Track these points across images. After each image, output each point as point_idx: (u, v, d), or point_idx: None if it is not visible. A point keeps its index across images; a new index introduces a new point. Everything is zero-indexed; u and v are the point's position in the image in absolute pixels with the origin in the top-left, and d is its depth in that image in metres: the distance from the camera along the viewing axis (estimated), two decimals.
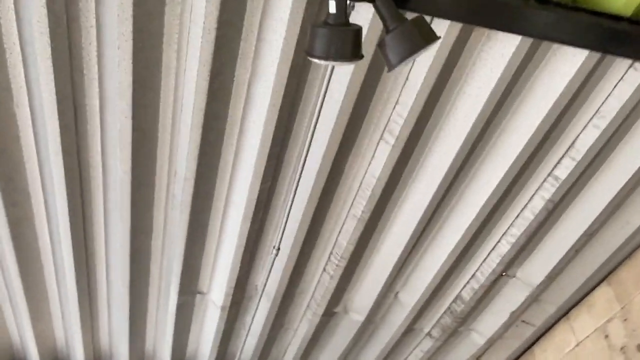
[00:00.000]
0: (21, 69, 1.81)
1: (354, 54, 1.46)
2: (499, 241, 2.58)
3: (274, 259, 2.45)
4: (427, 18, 1.70)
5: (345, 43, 1.43)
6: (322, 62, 1.44)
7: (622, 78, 1.92)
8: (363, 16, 1.67)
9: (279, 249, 2.40)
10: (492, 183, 2.22)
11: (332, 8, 1.39)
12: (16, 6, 1.65)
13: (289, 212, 2.25)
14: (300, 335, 3.13)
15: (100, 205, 2.32)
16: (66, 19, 1.66)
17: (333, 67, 1.78)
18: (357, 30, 1.44)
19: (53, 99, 1.82)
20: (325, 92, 1.83)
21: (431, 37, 1.42)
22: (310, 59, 1.45)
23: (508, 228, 2.52)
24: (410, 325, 3.11)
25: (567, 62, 1.84)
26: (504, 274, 2.81)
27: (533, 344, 3.15)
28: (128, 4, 1.62)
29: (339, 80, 1.84)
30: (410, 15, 1.42)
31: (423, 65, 1.81)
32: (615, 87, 1.95)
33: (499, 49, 1.80)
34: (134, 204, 2.24)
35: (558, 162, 2.22)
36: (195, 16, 1.67)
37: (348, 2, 1.41)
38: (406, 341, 3.34)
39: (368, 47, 1.77)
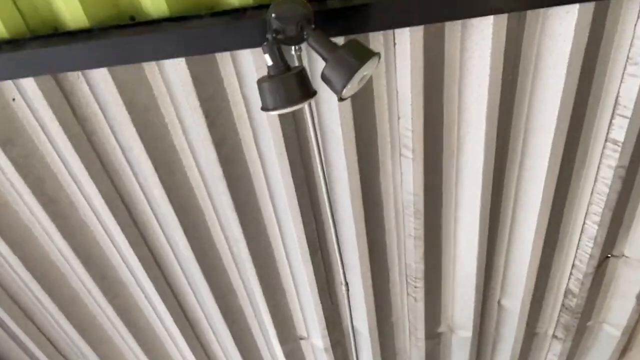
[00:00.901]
0: None
1: (304, 94, 1.49)
2: (584, 224, 2.32)
3: (347, 295, 2.47)
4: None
5: (290, 88, 1.47)
6: (276, 112, 1.49)
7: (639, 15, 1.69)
8: None
9: (347, 284, 2.41)
10: (543, 162, 2.03)
11: (269, 61, 1.46)
12: None
13: (339, 247, 2.27)
14: None
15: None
16: None
17: (311, 106, 1.82)
18: (298, 72, 1.47)
19: None
20: (317, 130, 1.86)
21: (367, 56, 1.41)
22: (266, 112, 1.51)
23: (588, 207, 2.26)
24: (529, 330, 2.87)
25: (562, 23, 1.67)
26: (609, 255, 2.50)
27: None
28: None
29: (328, 115, 1.87)
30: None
31: (405, 72, 1.77)
32: (635, 26, 1.71)
33: (480, 36, 1.70)
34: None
35: (610, 125, 1.97)
36: None
37: (283, 51, 1.46)
38: (534, 348, 3.08)
39: None
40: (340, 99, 1.47)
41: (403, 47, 1.71)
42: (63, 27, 1.63)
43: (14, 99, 1.79)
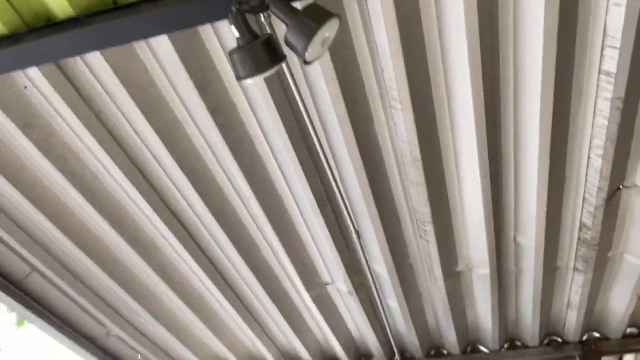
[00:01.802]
0: None
1: (273, 60, 1.55)
2: (588, 157, 2.29)
3: (359, 241, 2.56)
4: None
5: (259, 56, 1.53)
6: (250, 81, 1.57)
7: None
8: None
9: (357, 231, 2.51)
10: (535, 98, 2.00)
11: (235, 32, 1.52)
12: None
13: (343, 196, 2.35)
14: (440, 300, 3.15)
15: None
16: None
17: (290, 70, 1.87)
18: (265, 40, 1.53)
19: None
20: (299, 89, 1.92)
21: (325, 18, 1.45)
22: (240, 82, 1.59)
23: (590, 141, 2.23)
24: (549, 264, 2.89)
25: None
26: (620, 187, 2.46)
27: None
28: None
29: (313, 73, 1.93)
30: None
31: (380, 27, 1.79)
32: None
33: None
34: None
35: (601, 57, 1.92)
36: None
37: (252, 19, 1.52)
38: (557, 281, 3.10)
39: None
40: (305, 62, 1.52)
41: (374, 3, 1.72)
42: (54, 17, 1.74)
43: (25, 87, 1.94)
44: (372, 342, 3.62)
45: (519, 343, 3.73)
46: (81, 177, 2.28)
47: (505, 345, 3.75)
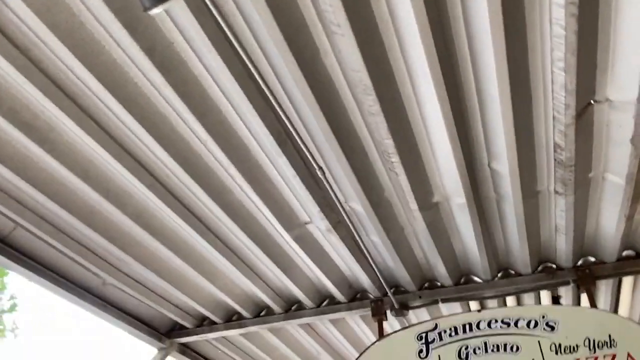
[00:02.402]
0: None
1: None
2: (552, 72, 2.16)
3: (325, 178, 2.50)
4: None
5: None
6: (158, 10, 1.50)
7: None
8: None
9: (320, 167, 2.44)
10: (483, 7, 1.87)
11: None
12: None
13: (298, 133, 2.29)
14: (422, 232, 3.11)
15: None
16: None
17: None
18: None
19: None
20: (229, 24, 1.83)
21: None
22: (150, 12, 1.52)
23: (551, 54, 2.09)
24: (529, 189, 2.80)
25: None
26: (592, 102, 2.33)
27: None
28: None
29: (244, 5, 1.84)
30: None
31: None
32: None
33: None
34: None
35: None
36: None
37: None
38: (540, 206, 3.02)
39: None
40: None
41: None
42: None
43: None
44: (363, 279, 3.64)
45: (512, 271, 3.70)
46: (37, 128, 2.27)
47: (499, 274, 3.73)
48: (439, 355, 3.49)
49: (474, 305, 4.00)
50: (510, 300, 3.95)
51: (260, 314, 4.06)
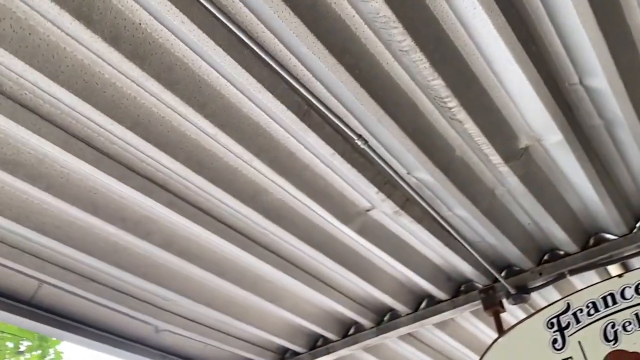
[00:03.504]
0: None
1: None
2: None
3: (370, 148, 2.35)
4: None
5: None
6: None
7: None
8: None
9: (360, 136, 2.30)
10: None
11: None
12: None
13: (321, 101, 2.19)
14: (519, 190, 2.89)
15: None
16: None
17: None
18: None
19: None
20: None
21: None
22: None
23: None
24: None
25: None
26: None
27: None
28: None
29: None
30: None
31: None
32: None
33: None
34: None
35: None
36: None
37: None
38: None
39: None
40: None
41: None
42: None
43: None
44: (462, 266, 3.46)
45: None
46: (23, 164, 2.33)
47: (638, 225, 3.40)
48: (579, 342, 3.26)
49: (614, 270, 3.67)
50: None
51: (349, 334, 3.98)
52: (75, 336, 3.20)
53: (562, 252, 3.53)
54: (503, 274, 3.57)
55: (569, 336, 3.25)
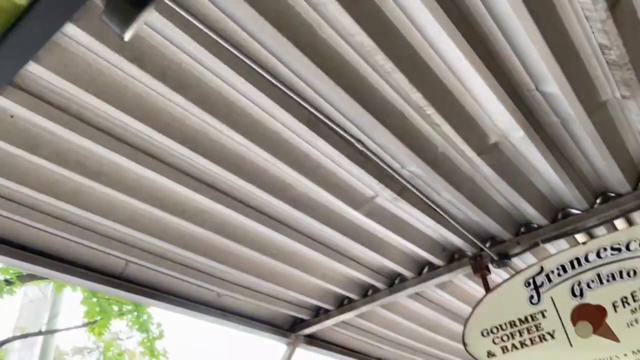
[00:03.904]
0: None
1: (138, 7, 1.49)
2: None
3: (368, 149, 2.36)
4: None
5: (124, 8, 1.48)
6: (129, 34, 1.52)
7: None
8: None
9: (358, 140, 2.31)
10: None
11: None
12: None
13: (324, 114, 2.20)
14: (491, 176, 2.83)
15: None
16: None
17: None
18: None
19: None
20: None
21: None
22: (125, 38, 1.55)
23: None
24: (591, 102, 2.44)
25: None
26: None
27: None
28: None
29: None
30: None
31: None
32: None
33: None
34: None
35: None
36: None
37: None
38: (612, 117, 2.60)
39: None
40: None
41: None
42: None
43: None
44: (453, 239, 3.41)
45: (611, 194, 3.23)
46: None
47: (598, 201, 3.28)
48: (551, 298, 3.20)
49: (581, 238, 3.56)
50: (621, 224, 3.45)
51: (367, 294, 3.98)
52: (156, 301, 3.30)
53: (535, 225, 3.43)
54: (488, 244, 3.49)
55: (543, 293, 3.21)
